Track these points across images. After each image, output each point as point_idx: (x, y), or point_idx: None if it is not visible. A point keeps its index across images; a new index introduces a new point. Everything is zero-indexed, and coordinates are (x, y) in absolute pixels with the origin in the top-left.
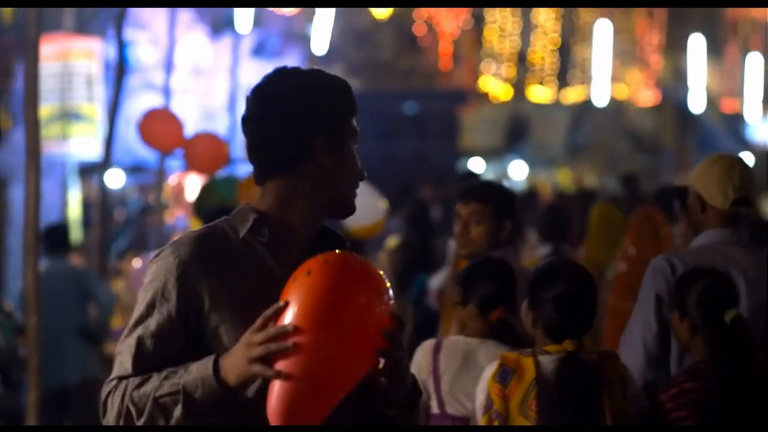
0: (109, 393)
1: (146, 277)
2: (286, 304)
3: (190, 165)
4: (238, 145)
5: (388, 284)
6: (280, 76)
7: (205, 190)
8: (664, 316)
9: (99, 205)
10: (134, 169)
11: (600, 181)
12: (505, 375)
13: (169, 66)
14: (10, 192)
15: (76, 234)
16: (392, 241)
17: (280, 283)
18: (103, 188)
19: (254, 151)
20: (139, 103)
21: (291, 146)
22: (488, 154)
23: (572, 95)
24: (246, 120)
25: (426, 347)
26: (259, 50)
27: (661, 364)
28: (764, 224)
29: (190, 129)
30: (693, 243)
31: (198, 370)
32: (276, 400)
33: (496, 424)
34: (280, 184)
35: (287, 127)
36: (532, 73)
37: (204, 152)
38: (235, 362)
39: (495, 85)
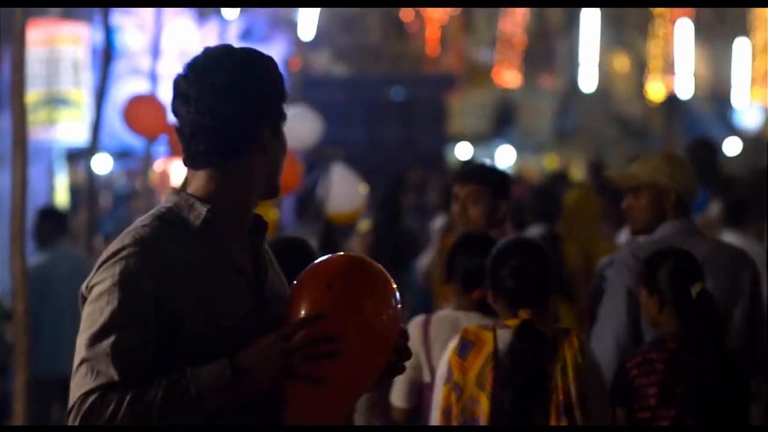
0: (92, 406)
1: (105, 277)
2: (324, 314)
3: (175, 150)
4: None
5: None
6: (220, 57)
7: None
8: (633, 308)
9: (86, 191)
10: (121, 155)
11: (587, 167)
12: (464, 348)
13: (156, 51)
14: None
15: None
16: (364, 225)
17: (240, 274)
18: (90, 174)
19: (195, 136)
20: (126, 88)
21: (240, 134)
22: (476, 140)
23: (560, 81)
24: (183, 101)
25: (417, 321)
26: (245, 36)
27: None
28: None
29: None
30: (654, 234)
31: (212, 377)
32: (302, 402)
33: (454, 395)
34: (223, 172)
35: (238, 116)
36: (519, 58)
37: None
38: (262, 367)
39: (482, 71)
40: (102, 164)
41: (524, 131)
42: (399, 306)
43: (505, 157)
